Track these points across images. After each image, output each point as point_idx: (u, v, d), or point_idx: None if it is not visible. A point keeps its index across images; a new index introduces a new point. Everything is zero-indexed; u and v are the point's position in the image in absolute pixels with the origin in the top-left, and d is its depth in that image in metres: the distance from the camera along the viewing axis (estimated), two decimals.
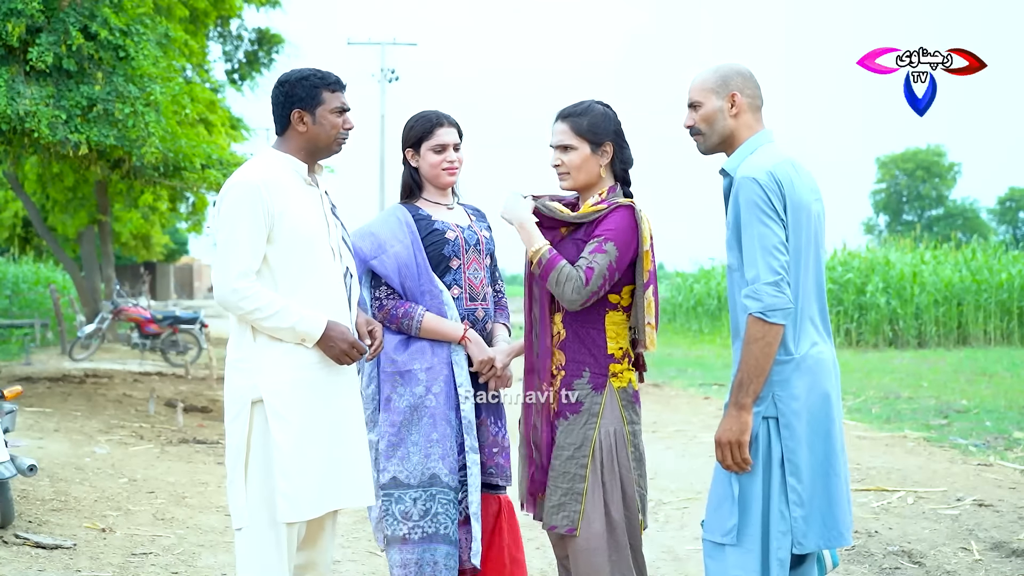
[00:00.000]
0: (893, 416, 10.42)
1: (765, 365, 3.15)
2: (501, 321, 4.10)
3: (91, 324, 17.30)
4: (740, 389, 3.18)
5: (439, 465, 3.78)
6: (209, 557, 5.43)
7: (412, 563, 3.76)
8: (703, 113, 3.40)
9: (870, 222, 65.73)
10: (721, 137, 3.40)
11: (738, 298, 3.28)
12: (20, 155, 11.96)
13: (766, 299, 3.14)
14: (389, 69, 35.95)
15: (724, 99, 3.38)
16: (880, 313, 20.97)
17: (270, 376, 3.42)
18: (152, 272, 45.15)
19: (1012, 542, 5.49)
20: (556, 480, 3.58)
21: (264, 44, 18.53)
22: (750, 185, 3.20)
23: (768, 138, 3.39)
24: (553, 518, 3.57)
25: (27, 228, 26.24)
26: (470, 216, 4.09)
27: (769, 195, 3.19)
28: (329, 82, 3.53)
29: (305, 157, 3.56)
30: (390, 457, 3.80)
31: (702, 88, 3.40)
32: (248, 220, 3.39)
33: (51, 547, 5.35)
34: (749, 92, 3.39)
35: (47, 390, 11.55)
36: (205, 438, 9.11)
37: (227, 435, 3.49)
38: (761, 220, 3.18)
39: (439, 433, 3.80)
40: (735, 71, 3.40)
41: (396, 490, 3.79)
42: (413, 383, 3.81)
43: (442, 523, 3.78)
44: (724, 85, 3.38)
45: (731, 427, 3.18)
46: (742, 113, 3.38)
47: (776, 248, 3.16)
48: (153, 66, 9.76)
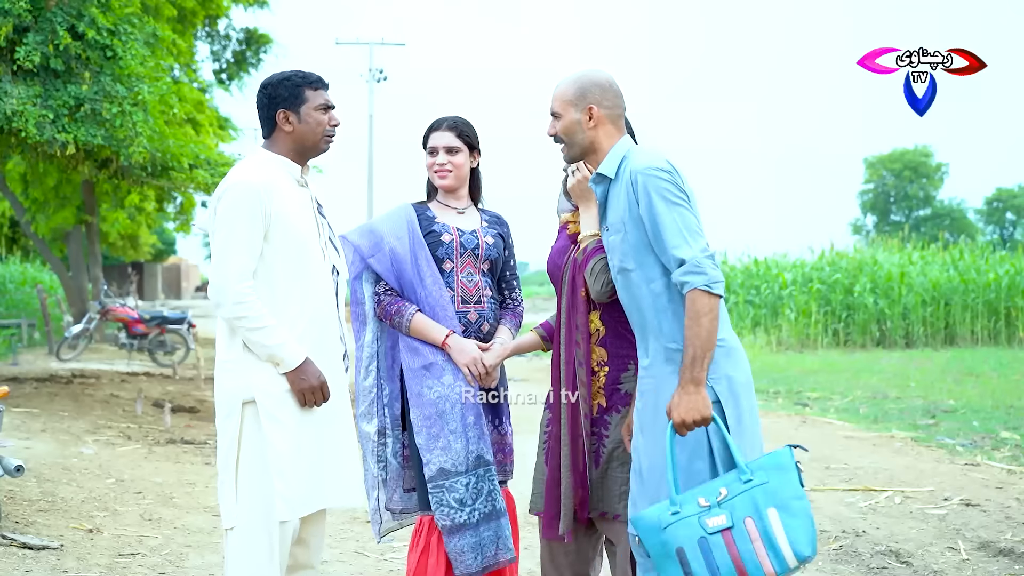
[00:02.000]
0: (881, 416, 10.46)
1: (714, 338, 3.14)
2: (507, 324, 4.12)
3: (78, 324, 17.24)
4: (695, 364, 3.13)
5: (480, 446, 3.84)
6: (197, 558, 5.42)
7: (477, 546, 3.80)
8: (563, 125, 3.45)
9: (858, 222, 65.97)
10: (582, 148, 3.46)
11: (643, 296, 3.30)
12: (6, 155, 11.94)
13: (710, 272, 3.15)
14: (377, 69, 35.90)
15: (582, 112, 3.42)
16: (868, 313, 21.05)
17: (262, 377, 3.44)
18: (140, 272, 45.04)
19: (999, 541, 5.51)
20: (614, 471, 3.57)
21: (252, 44, 18.53)
22: (656, 175, 3.24)
23: (629, 142, 3.45)
24: (617, 507, 3.55)
25: (14, 228, 26.18)
26: (482, 221, 4.13)
27: (678, 181, 3.25)
28: (311, 80, 3.57)
29: (296, 157, 3.60)
30: (432, 449, 3.82)
31: (562, 100, 3.45)
32: (247, 222, 3.41)
33: (38, 548, 5.33)
34: (608, 103, 3.43)
35: (34, 390, 11.51)
36: (193, 438, 9.09)
37: (219, 436, 3.49)
38: (677, 204, 3.21)
39: (473, 415, 3.85)
40: (593, 82, 3.44)
41: (446, 480, 3.81)
42: (440, 374, 3.86)
43: (496, 499, 3.84)
44: (582, 98, 3.42)
45: (694, 405, 3.12)
46: (600, 124, 3.43)
47: (698, 228, 3.22)
48: (141, 66, 9.74)
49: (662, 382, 3.28)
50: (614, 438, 3.60)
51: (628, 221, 3.30)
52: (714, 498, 3.06)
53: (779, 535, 3.01)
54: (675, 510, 3.07)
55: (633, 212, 3.28)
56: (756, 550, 3.01)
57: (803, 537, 3.02)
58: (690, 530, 3.04)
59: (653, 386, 3.31)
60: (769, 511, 3.03)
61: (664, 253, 3.22)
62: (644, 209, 3.25)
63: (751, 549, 3.01)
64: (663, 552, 3.06)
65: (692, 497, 3.09)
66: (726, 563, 3.01)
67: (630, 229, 3.30)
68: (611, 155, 3.40)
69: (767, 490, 3.06)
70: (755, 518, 3.03)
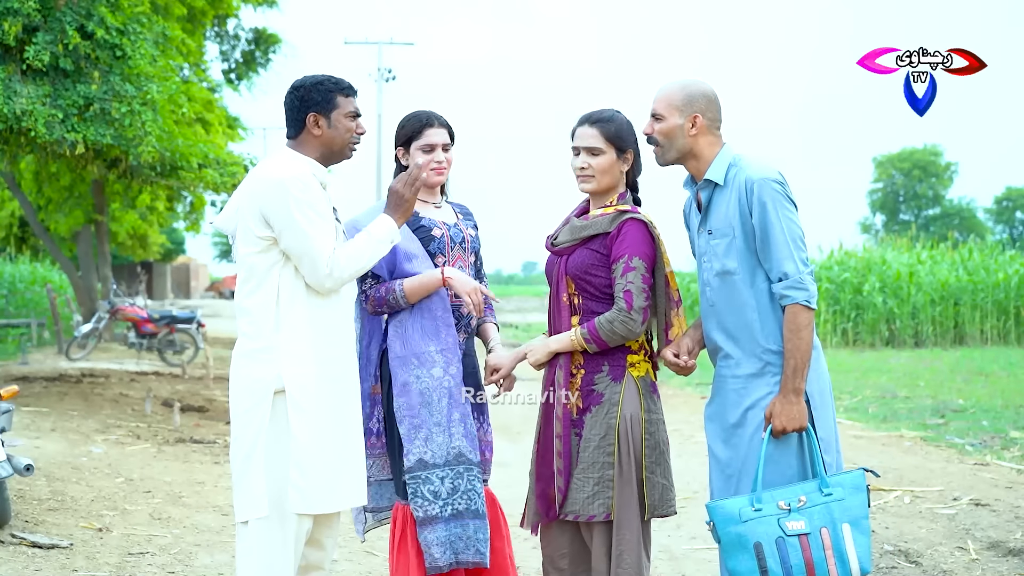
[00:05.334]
0: (890, 415, 10.44)
1: (811, 349, 3.39)
2: (490, 320, 4.15)
3: (88, 324, 17.28)
4: (797, 375, 3.37)
5: (463, 443, 3.83)
6: (206, 556, 5.43)
7: (446, 541, 3.79)
8: (663, 127, 3.56)
9: (867, 221, 65.87)
10: (680, 153, 3.58)
11: (744, 299, 3.47)
12: (16, 154, 11.96)
13: (810, 287, 3.38)
14: (386, 69, 35.91)
15: (686, 119, 3.54)
16: (877, 313, 21.00)
17: (295, 367, 3.43)
18: (149, 271, 45.14)
19: (1008, 541, 5.50)
20: (586, 472, 3.67)
21: (261, 44, 18.55)
22: (772, 185, 3.41)
23: (731, 149, 3.57)
24: (589, 508, 3.66)
25: (24, 227, 26.23)
26: (457, 214, 4.14)
27: (789, 192, 3.44)
28: (343, 87, 3.60)
29: (321, 161, 3.62)
30: (413, 440, 3.81)
31: (668, 103, 3.56)
32: (306, 210, 3.42)
33: (48, 547, 5.35)
34: (711, 115, 3.56)
35: (43, 390, 11.54)
36: (202, 437, 9.11)
37: (238, 426, 3.45)
38: (789, 216, 3.41)
39: (460, 412, 3.84)
40: (701, 93, 3.56)
41: (423, 471, 3.81)
42: (430, 364, 3.84)
43: (471, 499, 3.82)
44: (689, 105, 3.54)
45: (796, 414, 3.36)
46: (702, 133, 3.55)
47: (803, 240, 3.43)
48: (150, 65, 9.76)
49: (750, 382, 3.49)
50: (587, 438, 3.68)
51: (737, 226, 3.47)
52: (794, 503, 3.32)
53: (850, 549, 3.30)
54: (759, 507, 3.31)
55: (744, 218, 3.46)
56: (827, 559, 3.28)
57: (866, 554, 3.33)
58: (769, 528, 3.30)
59: (740, 385, 3.52)
60: (843, 526, 3.32)
61: (768, 261, 3.43)
62: (757, 216, 3.43)
63: (823, 557, 3.28)
64: (737, 542, 3.30)
65: (773, 498, 3.33)
66: (799, 565, 3.27)
67: (739, 234, 3.47)
68: (718, 162, 3.54)
69: (843, 506, 3.34)
70: (830, 529, 3.31)
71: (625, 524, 3.64)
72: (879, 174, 65.19)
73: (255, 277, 3.48)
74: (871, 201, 66.10)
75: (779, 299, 3.41)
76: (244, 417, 3.44)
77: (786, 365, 3.38)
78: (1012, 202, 64.98)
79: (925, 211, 64.01)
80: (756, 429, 3.45)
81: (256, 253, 3.47)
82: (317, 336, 3.49)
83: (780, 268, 3.39)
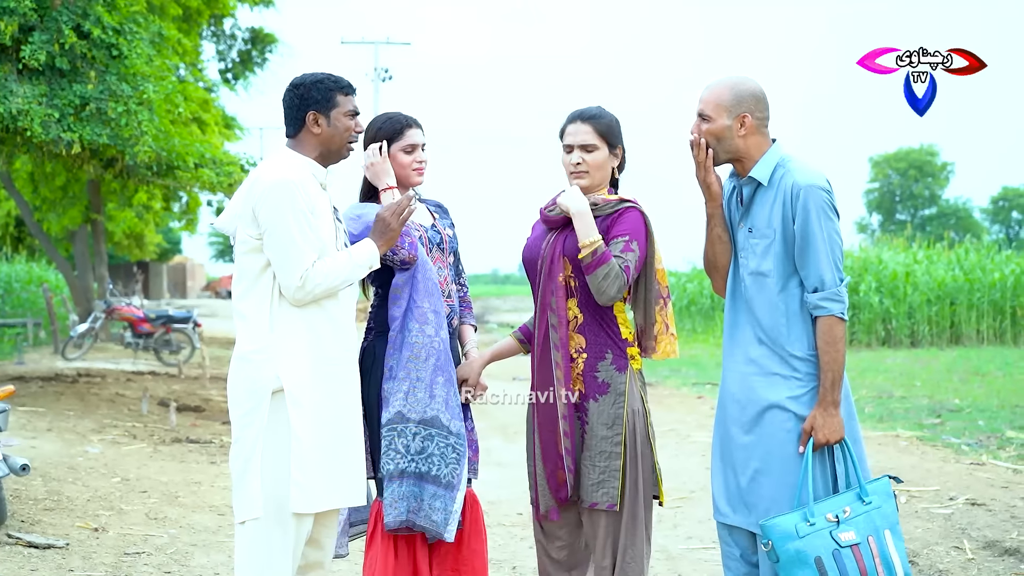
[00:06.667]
0: (886, 415, 10.45)
1: (844, 361, 3.41)
2: (468, 322, 4.14)
3: (84, 323, 17.26)
4: (835, 388, 3.38)
5: (442, 408, 3.78)
6: (202, 556, 5.43)
7: (402, 497, 3.74)
8: (711, 128, 3.51)
9: (863, 221, 65.97)
10: (728, 154, 3.53)
11: (774, 302, 3.46)
12: (12, 154, 11.95)
13: (845, 300, 3.41)
14: (382, 68, 35.89)
15: (734, 119, 3.49)
16: (873, 312, 21.00)
17: (291, 366, 3.43)
18: (145, 271, 45.10)
19: (1005, 541, 5.51)
20: (593, 459, 3.67)
21: (257, 43, 18.53)
22: (819, 192, 3.39)
23: (781, 148, 3.53)
24: (593, 495, 3.66)
25: (19, 227, 26.20)
26: (433, 214, 4.10)
27: (834, 201, 3.42)
28: (342, 85, 3.59)
29: (320, 160, 3.61)
30: (395, 392, 3.77)
31: (716, 104, 3.50)
32: (295, 217, 3.40)
33: (44, 547, 5.34)
34: (759, 114, 3.51)
35: (40, 389, 11.53)
36: (198, 437, 9.10)
37: (238, 428, 3.44)
38: (832, 226, 3.40)
39: (444, 378, 3.81)
40: (750, 92, 3.51)
41: (400, 423, 3.76)
42: (423, 320, 3.80)
43: (435, 464, 3.76)
44: (737, 105, 3.49)
45: (836, 427, 3.38)
46: (751, 134, 3.49)
47: (842, 252, 3.43)
48: (146, 65, 9.76)
49: (771, 384, 3.47)
50: (593, 426, 3.68)
51: (778, 229, 3.45)
52: (841, 514, 3.35)
53: (894, 555, 3.37)
54: (813, 521, 3.32)
55: (786, 222, 3.43)
56: (876, 566, 3.33)
57: (905, 559, 3.39)
58: (825, 541, 3.31)
59: (763, 384, 3.48)
60: (886, 532, 3.38)
61: (805, 268, 3.42)
62: (799, 223, 3.40)
63: (873, 565, 3.32)
64: (797, 558, 3.30)
65: (821, 511, 3.34)
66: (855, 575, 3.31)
67: (778, 237, 3.45)
68: (764, 161, 3.50)
69: (882, 513, 3.40)
70: (875, 537, 3.36)
71: (633, 517, 3.66)
72: (875, 174, 65.27)
73: (249, 277, 3.47)
74: (867, 201, 66.17)
75: (812, 309, 3.40)
76: (244, 420, 3.44)
77: (824, 378, 3.39)
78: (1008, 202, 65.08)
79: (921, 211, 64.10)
80: (776, 429, 3.44)
81: (248, 252, 3.46)
82: (313, 335, 3.48)
83: (817, 277, 3.39)
